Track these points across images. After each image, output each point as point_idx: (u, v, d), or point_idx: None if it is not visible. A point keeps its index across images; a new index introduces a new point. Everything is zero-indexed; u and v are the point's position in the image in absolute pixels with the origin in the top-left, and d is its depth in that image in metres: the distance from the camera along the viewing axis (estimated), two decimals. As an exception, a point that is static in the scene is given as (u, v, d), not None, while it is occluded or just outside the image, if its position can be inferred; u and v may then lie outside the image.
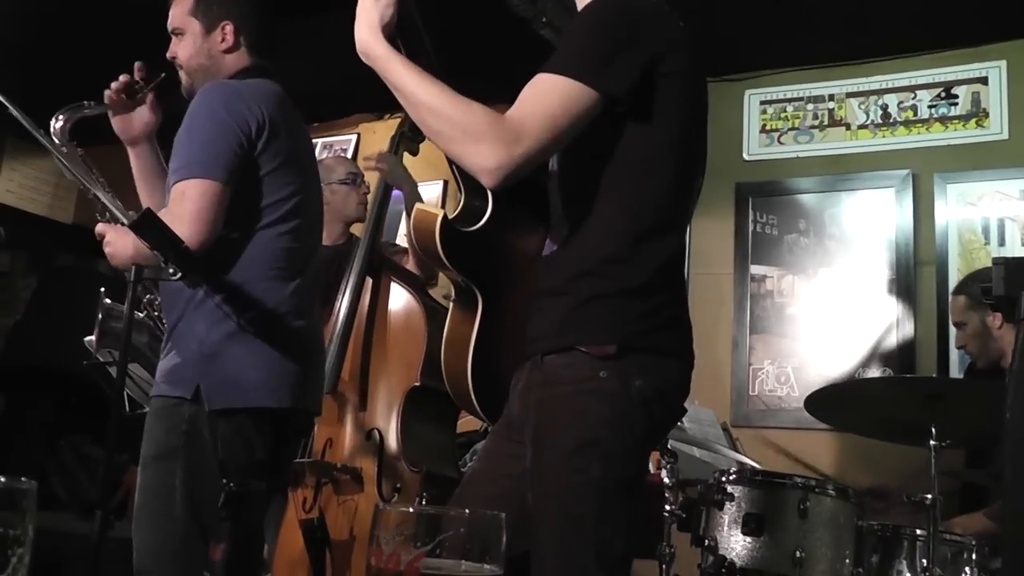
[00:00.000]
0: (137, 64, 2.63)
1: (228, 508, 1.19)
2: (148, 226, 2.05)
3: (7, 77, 2.18)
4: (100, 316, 2.98)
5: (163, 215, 2.28)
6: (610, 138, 1.75)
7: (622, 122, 1.74)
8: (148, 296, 2.73)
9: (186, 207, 2.24)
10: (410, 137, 3.73)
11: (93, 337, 3.69)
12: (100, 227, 2.40)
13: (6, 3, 4.56)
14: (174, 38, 2.59)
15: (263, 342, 2.32)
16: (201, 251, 2.23)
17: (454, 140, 1.67)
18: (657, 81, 1.73)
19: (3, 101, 2.09)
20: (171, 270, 2.11)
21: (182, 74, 2.59)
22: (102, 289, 2.97)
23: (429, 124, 1.70)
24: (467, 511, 0.94)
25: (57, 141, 2.60)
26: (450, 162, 1.85)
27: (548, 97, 1.66)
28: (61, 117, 2.61)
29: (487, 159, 1.63)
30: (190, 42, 2.55)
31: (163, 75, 2.63)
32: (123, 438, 2.34)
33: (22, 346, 5.65)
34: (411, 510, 0.91)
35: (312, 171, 2.61)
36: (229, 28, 2.54)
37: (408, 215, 3.68)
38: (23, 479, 0.76)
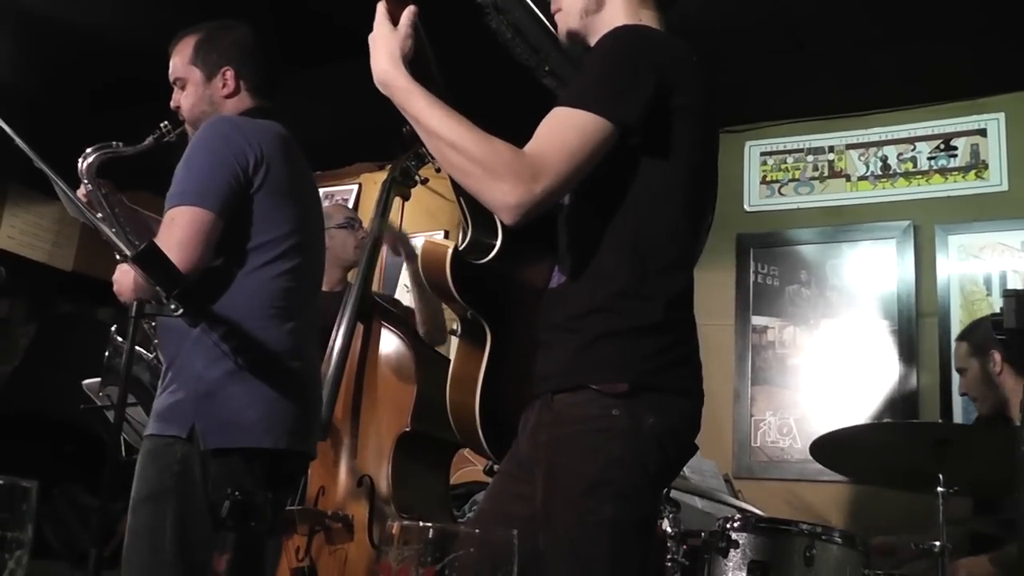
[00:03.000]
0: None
1: (232, 518, 1.16)
2: (150, 260, 2.02)
3: (14, 124, 2.18)
4: (107, 353, 2.94)
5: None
6: (622, 172, 1.74)
7: (634, 156, 1.73)
8: (157, 340, 2.69)
9: (174, 233, 2.21)
10: (401, 182, 3.71)
11: (94, 380, 3.66)
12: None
13: (13, 51, 4.60)
14: (176, 89, 2.58)
15: (261, 382, 2.28)
16: (186, 279, 2.18)
17: (473, 176, 1.65)
18: (669, 114, 1.73)
19: (7, 130, 2.08)
20: (173, 306, 2.08)
21: (187, 125, 2.58)
22: (113, 327, 2.93)
23: (448, 158, 1.67)
24: (478, 530, 0.92)
25: (85, 179, 2.59)
26: (457, 194, 1.84)
27: (566, 131, 1.65)
28: (89, 156, 2.61)
29: (507, 196, 1.60)
30: (192, 91, 2.54)
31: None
32: (119, 485, 2.28)
33: (18, 394, 5.61)
34: (422, 525, 0.88)
35: (315, 213, 2.58)
36: (230, 73, 2.53)
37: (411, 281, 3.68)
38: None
